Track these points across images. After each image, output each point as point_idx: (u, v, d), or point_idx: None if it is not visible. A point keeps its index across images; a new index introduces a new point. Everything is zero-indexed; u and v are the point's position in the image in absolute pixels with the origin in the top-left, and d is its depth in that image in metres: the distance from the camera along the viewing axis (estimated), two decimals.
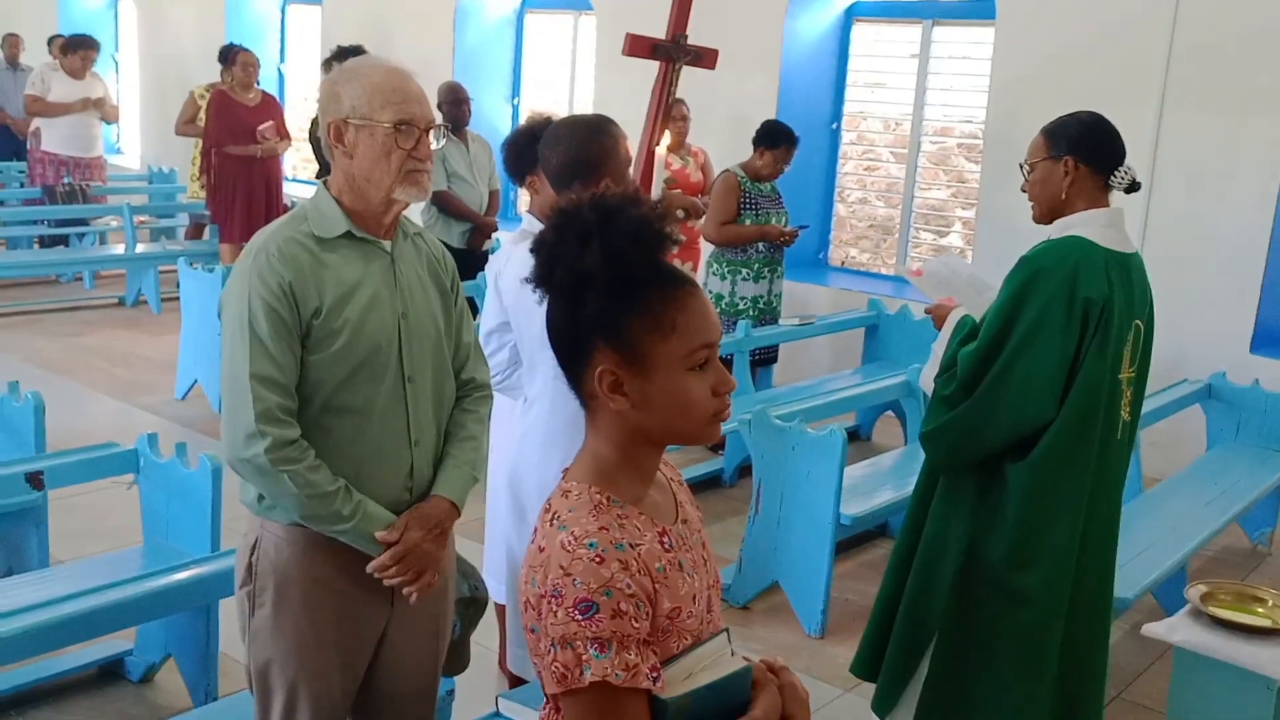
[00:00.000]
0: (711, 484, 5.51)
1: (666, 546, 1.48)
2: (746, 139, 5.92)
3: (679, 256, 6.27)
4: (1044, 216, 2.83)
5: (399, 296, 2.19)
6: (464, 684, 2.92)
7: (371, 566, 2.15)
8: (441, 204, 6.32)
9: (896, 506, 4.42)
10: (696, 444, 1.54)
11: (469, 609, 2.54)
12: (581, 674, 1.36)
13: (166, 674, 3.46)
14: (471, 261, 6.16)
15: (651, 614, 1.42)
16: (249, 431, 2.05)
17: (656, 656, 1.42)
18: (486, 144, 6.66)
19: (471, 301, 5.35)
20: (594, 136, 2.74)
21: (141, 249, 8.63)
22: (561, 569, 1.38)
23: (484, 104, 8.68)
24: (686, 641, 1.47)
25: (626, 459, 1.50)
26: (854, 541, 4.81)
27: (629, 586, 1.38)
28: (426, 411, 2.24)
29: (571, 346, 1.49)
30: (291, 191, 8.65)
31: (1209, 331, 5.69)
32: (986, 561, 2.79)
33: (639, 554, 1.42)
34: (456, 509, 2.27)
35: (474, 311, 2.82)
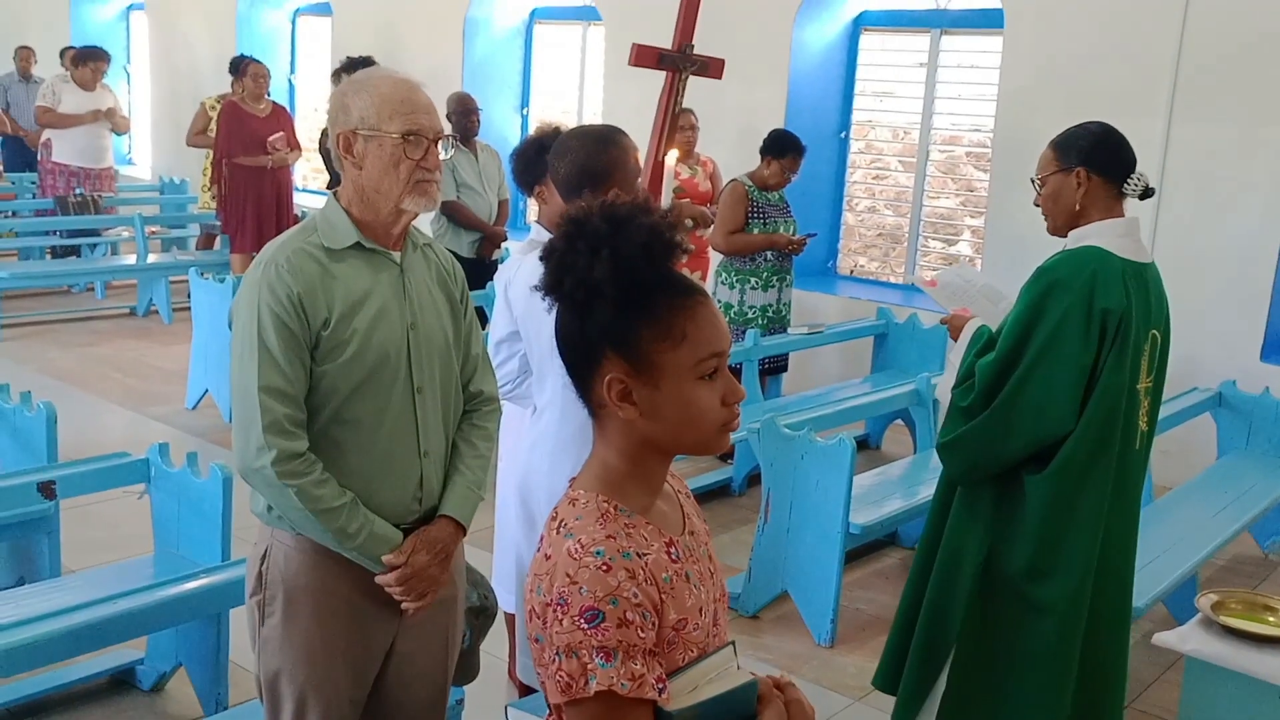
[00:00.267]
0: (720, 493, 5.51)
1: (673, 557, 1.47)
2: (755, 148, 5.93)
3: (688, 266, 6.28)
4: (1059, 229, 2.81)
5: (408, 307, 2.20)
6: (474, 693, 2.93)
7: (378, 581, 2.16)
8: (451, 214, 6.34)
9: (906, 515, 4.42)
10: (705, 454, 1.53)
11: (479, 618, 2.54)
12: (586, 683, 1.34)
13: (177, 683, 3.46)
14: (481, 271, 6.19)
15: (658, 624, 1.40)
16: (258, 444, 2.06)
17: (662, 668, 1.40)
18: (495, 154, 6.69)
19: (481, 311, 5.36)
20: (603, 147, 2.74)
21: (153, 259, 8.66)
22: (568, 577, 1.37)
23: (493, 114, 8.71)
24: (692, 654, 1.45)
25: (634, 468, 1.49)
26: (863, 550, 4.81)
27: (635, 596, 1.37)
28: (435, 422, 2.24)
29: (580, 355, 1.48)
30: (302, 202, 8.69)
31: (1219, 340, 5.67)
32: (1006, 572, 2.77)
33: (646, 563, 1.41)
34: (462, 529, 2.28)
35: (483, 321, 2.83)
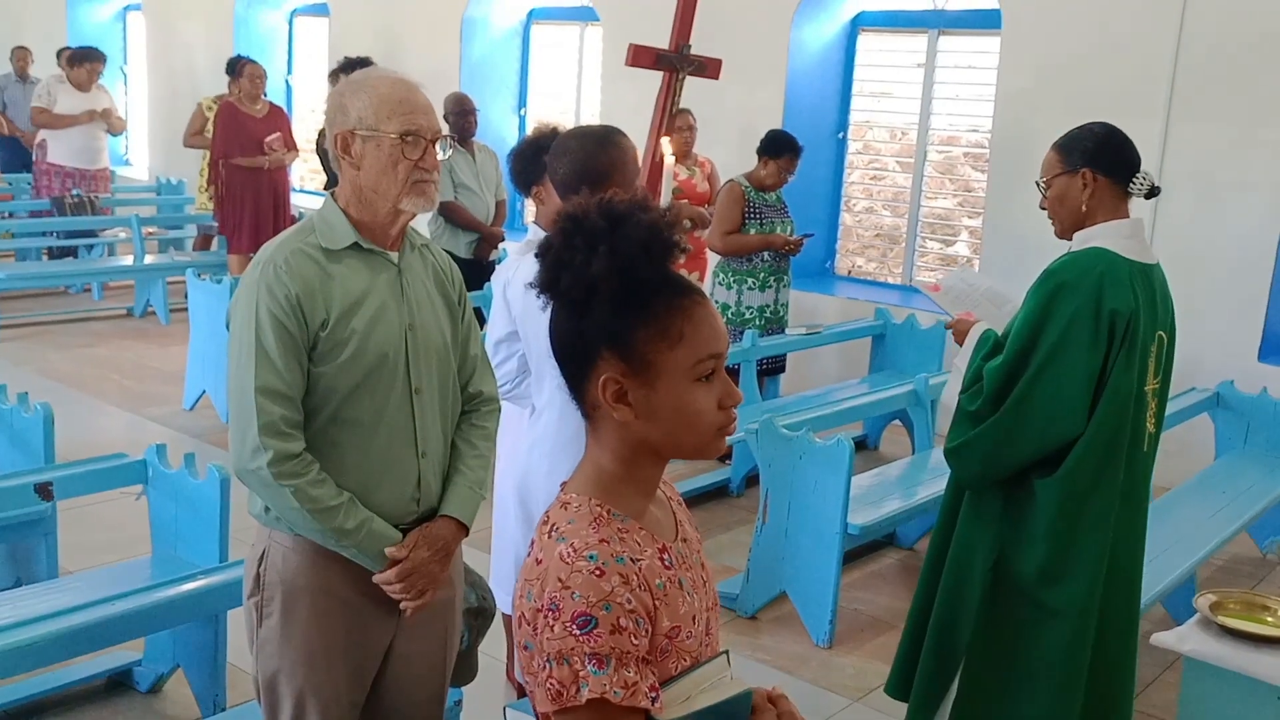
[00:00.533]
0: (719, 493, 5.51)
1: (666, 564, 1.44)
2: (753, 149, 5.93)
3: (685, 266, 6.28)
4: (1066, 231, 2.80)
5: (406, 307, 2.20)
6: (472, 694, 2.92)
7: (377, 579, 2.16)
8: (448, 214, 6.34)
9: (904, 516, 4.42)
10: (700, 458, 1.49)
11: (477, 619, 2.54)
12: (578, 691, 1.31)
13: (175, 684, 3.46)
14: (478, 272, 6.19)
15: (650, 632, 1.36)
16: (253, 445, 2.05)
17: (655, 676, 1.36)
18: (493, 154, 6.69)
19: (479, 311, 5.36)
20: (602, 147, 2.74)
21: (150, 260, 8.65)
22: (559, 581, 1.33)
23: (491, 114, 8.71)
24: (685, 663, 1.42)
25: (628, 472, 1.46)
26: (861, 551, 4.81)
27: (629, 601, 1.33)
28: (433, 422, 2.24)
29: (575, 354, 1.44)
30: (299, 202, 8.69)
31: (1217, 340, 5.68)
32: (1016, 577, 2.75)
33: (640, 569, 1.37)
34: (464, 529, 2.28)
35: (481, 322, 2.83)
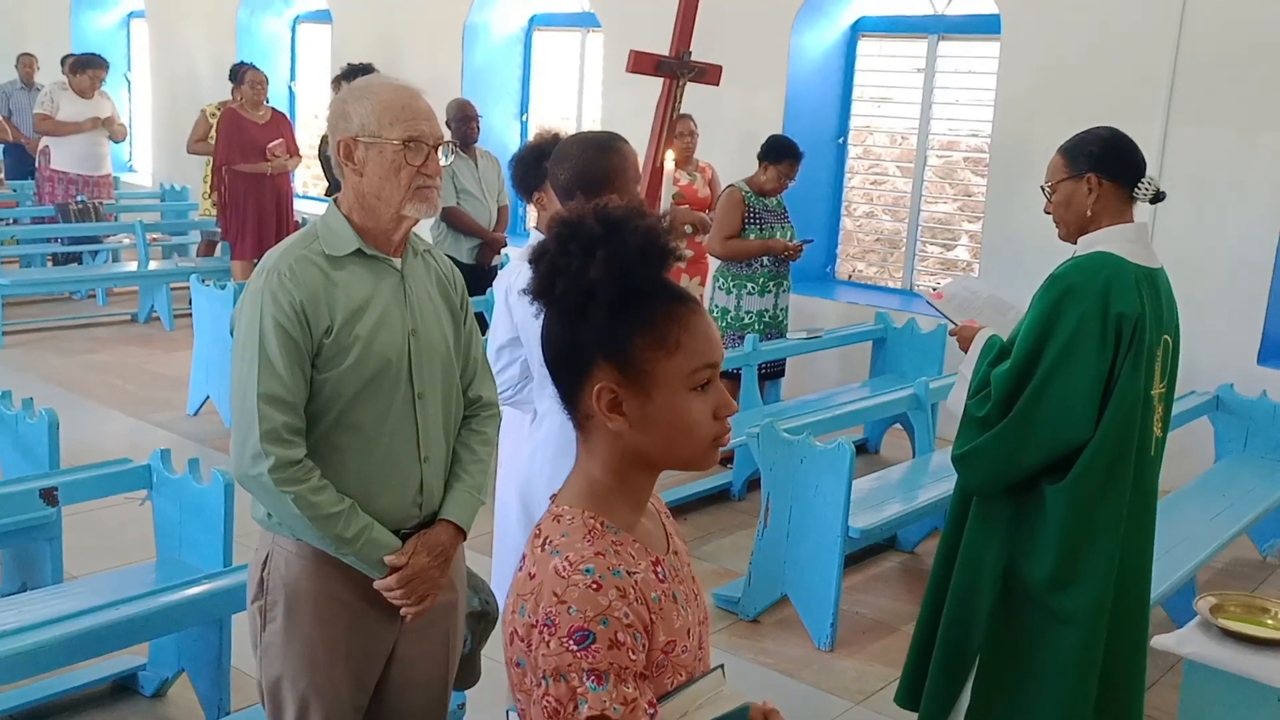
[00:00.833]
0: (720, 497, 5.52)
1: (661, 577, 1.41)
2: (753, 154, 5.94)
3: (688, 271, 6.30)
4: (1071, 236, 2.80)
5: (409, 313, 2.21)
6: (475, 698, 2.94)
7: (377, 586, 2.17)
8: (451, 220, 6.36)
9: (905, 519, 4.43)
10: (693, 469, 1.46)
11: (480, 623, 2.55)
12: (576, 708, 1.28)
13: (179, 689, 3.47)
14: (481, 277, 6.20)
15: (647, 646, 1.33)
16: (254, 451, 2.07)
17: (651, 692, 1.34)
18: (495, 160, 6.71)
19: (481, 317, 5.37)
20: (603, 153, 2.75)
21: (154, 266, 8.68)
22: (555, 596, 1.30)
23: (493, 121, 8.73)
24: (680, 678, 1.40)
25: (621, 483, 1.43)
26: (863, 554, 4.82)
27: (627, 616, 1.30)
28: (436, 428, 2.26)
29: (569, 362, 1.41)
30: (302, 208, 8.71)
31: (1217, 344, 5.68)
32: (1027, 583, 2.75)
33: (636, 582, 1.34)
34: (463, 533, 2.29)
35: (483, 327, 2.84)
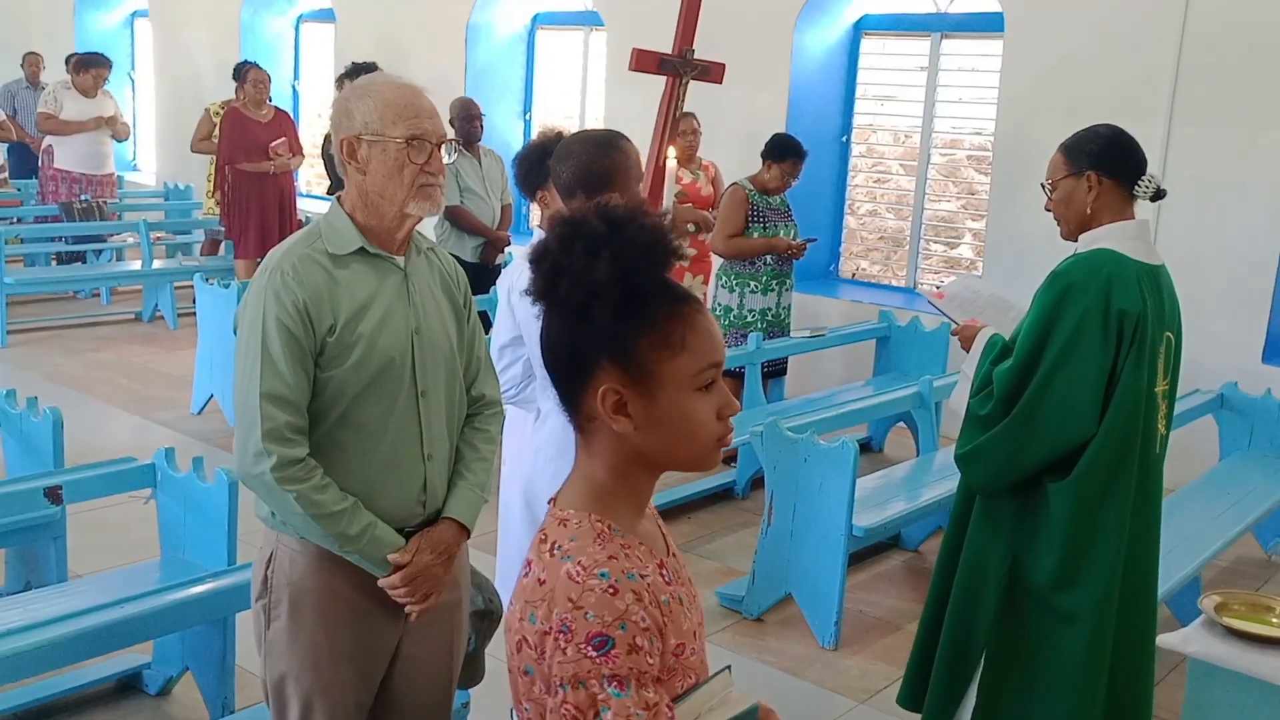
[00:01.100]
0: (724, 496, 5.52)
1: (666, 579, 1.39)
2: (757, 153, 5.94)
3: (691, 270, 6.30)
4: (1071, 234, 2.80)
5: (412, 311, 2.21)
6: (479, 696, 2.94)
7: (382, 584, 2.17)
8: (454, 219, 6.36)
9: (909, 518, 4.43)
10: (696, 470, 1.44)
11: (484, 622, 2.55)
12: (597, 716, 1.25)
13: (184, 687, 3.48)
14: (484, 276, 6.21)
15: (661, 649, 1.32)
16: (257, 450, 2.07)
17: (667, 695, 1.32)
18: (499, 159, 6.71)
19: (484, 316, 5.38)
20: (605, 151, 2.75)
21: (158, 265, 8.69)
22: (570, 602, 1.28)
23: (496, 119, 8.73)
24: (690, 680, 1.39)
25: (623, 484, 1.41)
26: (867, 553, 4.82)
27: (644, 619, 1.28)
28: (440, 426, 2.26)
29: (571, 364, 1.39)
30: (305, 207, 8.71)
31: (1221, 342, 5.67)
32: (1031, 582, 2.74)
33: (648, 585, 1.33)
34: (466, 531, 2.29)
35: (486, 326, 2.84)
